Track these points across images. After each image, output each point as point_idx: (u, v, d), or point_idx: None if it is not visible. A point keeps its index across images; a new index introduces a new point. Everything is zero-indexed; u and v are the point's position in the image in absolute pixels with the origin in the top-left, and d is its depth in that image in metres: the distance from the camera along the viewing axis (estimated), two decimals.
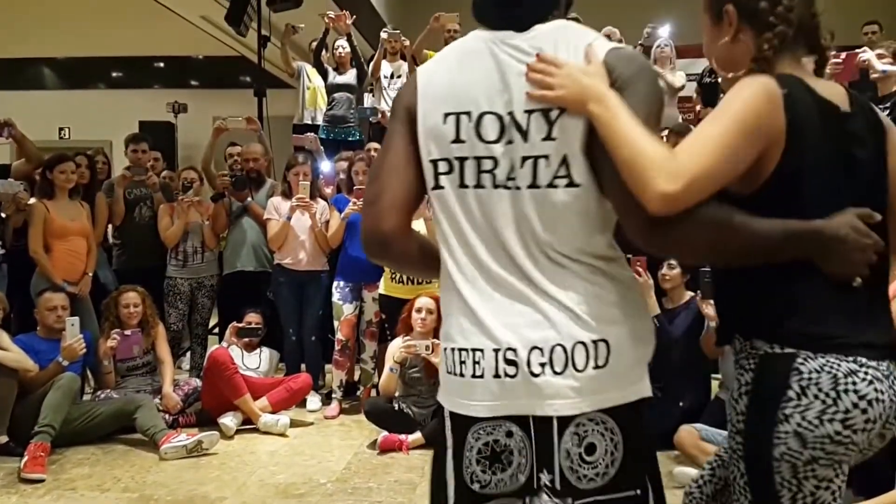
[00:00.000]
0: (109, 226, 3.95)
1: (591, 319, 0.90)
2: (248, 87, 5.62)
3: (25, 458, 2.64)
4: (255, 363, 3.47)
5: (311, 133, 4.61)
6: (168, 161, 5.38)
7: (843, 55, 3.58)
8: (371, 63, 4.92)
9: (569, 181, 0.90)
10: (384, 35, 4.83)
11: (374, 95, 5.03)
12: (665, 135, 3.78)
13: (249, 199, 3.83)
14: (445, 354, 0.97)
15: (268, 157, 4.10)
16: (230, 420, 3.13)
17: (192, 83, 8.44)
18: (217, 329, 4.15)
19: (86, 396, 3.27)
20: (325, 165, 3.89)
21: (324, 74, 4.91)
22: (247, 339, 3.46)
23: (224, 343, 3.44)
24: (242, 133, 4.34)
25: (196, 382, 3.41)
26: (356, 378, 3.63)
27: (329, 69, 4.89)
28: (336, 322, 3.45)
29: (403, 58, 4.88)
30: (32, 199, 3.47)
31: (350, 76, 4.83)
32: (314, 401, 3.50)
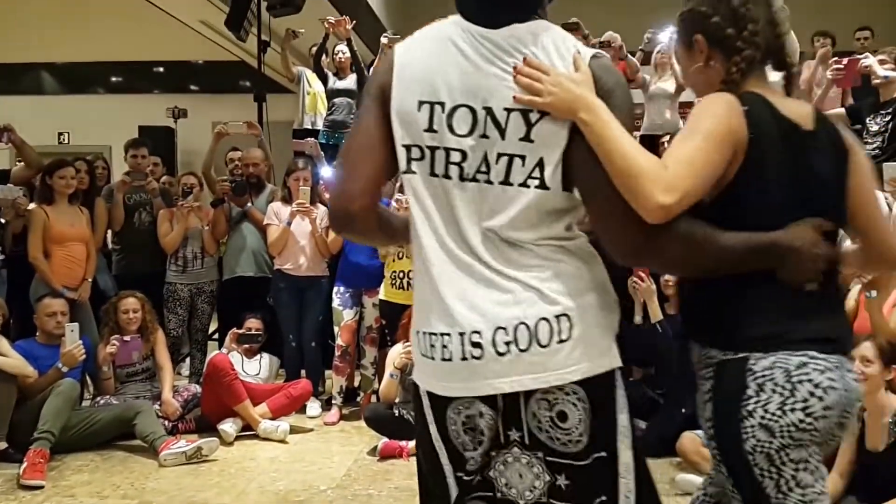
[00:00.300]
0: (109, 231, 3.95)
1: (553, 294, 0.93)
2: (248, 92, 5.62)
3: (24, 465, 2.63)
4: (256, 369, 3.46)
5: (312, 138, 4.62)
6: (168, 166, 5.38)
7: (845, 61, 3.55)
8: (371, 68, 4.93)
9: (540, 182, 0.93)
10: (384, 40, 4.83)
11: None
12: (665, 140, 3.80)
13: (249, 205, 3.83)
14: (418, 337, 1.00)
15: (268, 163, 4.10)
16: (230, 426, 3.12)
17: (192, 88, 8.44)
18: (217, 335, 4.15)
19: (85, 402, 3.26)
20: (326, 171, 3.89)
21: (324, 79, 4.92)
22: (247, 346, 3.46)
23: (224, 349, 3.44)
24: (243, 138, 4.35)
25: (196, 388, 3.41)
26: (356, 384, 3.62)
27: (329, 74, 4.90)
28: (336, 328, 3.44)
29: None
30: (32, 205, 3.47)
31: (350, 81, 4.84)
32: (314, 407, 3.49)
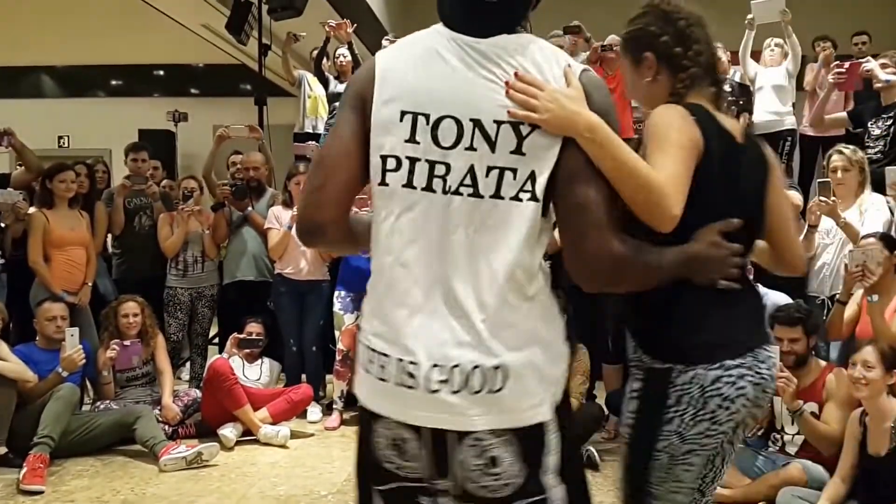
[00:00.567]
0: (109, 235, 3.95)
1: (497, 344, 0.91)
2: (249, 96, 5.61)
3: (24, 470, 2.63)
4: (256, 374, 3.46)
5: (313, 142, 4.62)
6: (168, 170, 5.38)
7: (847, 65, 3.54)
8: None
9: (531, 195, 0.92)
10: (385, 43, 4.84)
11: None
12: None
13: (250, 209, 3.83)
14: (360, 348, 0.99)
15: (269, 166, 4.10)
16: (230, 431, 3.12)
17: (193, 91, 8.44)
18: (217, 339, 4.14)
19: (85, 407, 3.25)
20: None
21: (325, 83, 4.92)
22: (248, 350, 3.45)
23: (225, 354, 3.43)
24: (245, 141, 4.35)
25: (196, 393, 3.40)
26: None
27: (330, 78, 4.91)
28: (337, 332, 3.44)
29: None
30: (32, 209, 3.47)
31: None
32: (315, 412, 3.49)
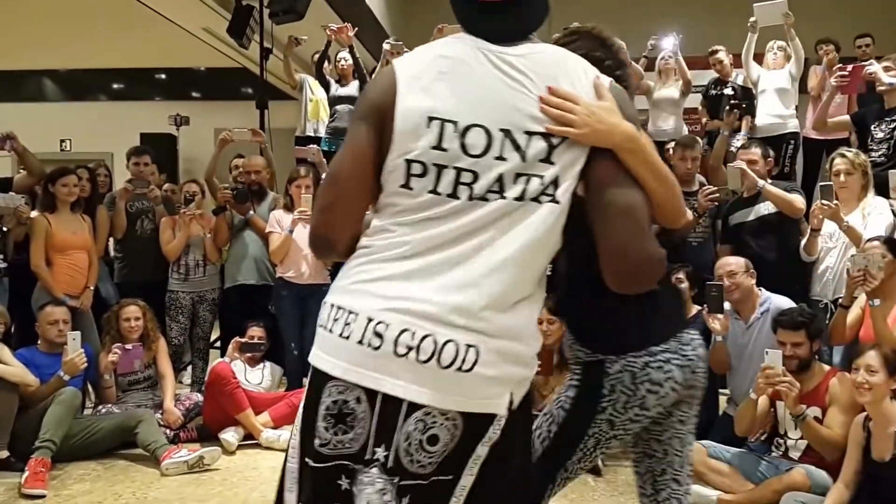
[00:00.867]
0: (111, 239, 3.95)
1: (479, 324, 0.92)
2: (250, 99, 5.63)
3: (26, 474, 2.63)
4: (258, 378, 3.45)
5: (314, 145, 4.63)
6: (170, 173, 5.39)
7: (850, 68, 3.54)
8: (374, 74, 4.95)
9: (552, 199, 0.95)
10: (386, 46, 4.84)
11: None
12: (671, 146, 3.80)
13: (251, 212, 3.83)
14: (324, 307, 1.00)
15: (270, 170, 4.11)
16: (231, 435, 3.11)
17: (194, 95, 8.46)
18: (219, 343, 4.14)
19: (86, 411, 3.25)
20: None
21: (326, 86, 4.93)
22: (249, 354, 3.45)
23: (226, 357, 3.43)
24: (248, 145, 4.35)
25: (197, 397, 3.40)
26: None
27: (331, 81, 4.92)
28: None
29: None
30: (34, 213, 3.47)
31: (352, 88, 4.85)
32: None
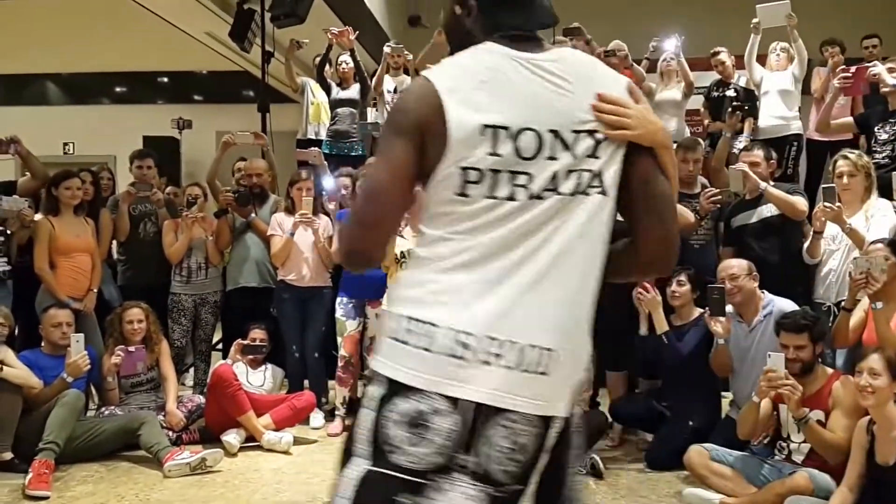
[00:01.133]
0: (114, 242, 3.96)
1: (556, 329, 0.96)
2: (252, 102, 5.64)
3: (30, 475, 2.64)
4: (260, 380, 3.46)
5: (315, 148, 4.64)
6: (172, 177, 5.40)
7: (854, 69, 3.52)
8: (374, 77, 4.95)
9: (601, 190, 1.01)
10: (387, 50, 4.86)
11: (378, 110, 5.06)
12: (674, 148, 3.80)
13: (253, 215, 3.84)
14: (394, 319, 0.97)
15: (271, 173, 4.11)
16: (233, 437, 3.12)
17: (196, 98, 8.49)
18: (220, 345, 4.15)
19: (90, 413, 3.26)
20: (328, 181, 3.90)
21: (327, 90, 4.94)
22: (251, 356, 3.46)
23: (228, 360, 3.44)
24: (250, 148, 4.36)
25: (200, 399, 3.41)
26: (359, 395, 3.61)
27: (332, 84, 4.92)
28: (339, 338, 3.44)
29: (406, 72, 4.91)
30: (38, 216, 3.49)
31: (353, 91, 4.86)
32: (317, 418, 3.48)
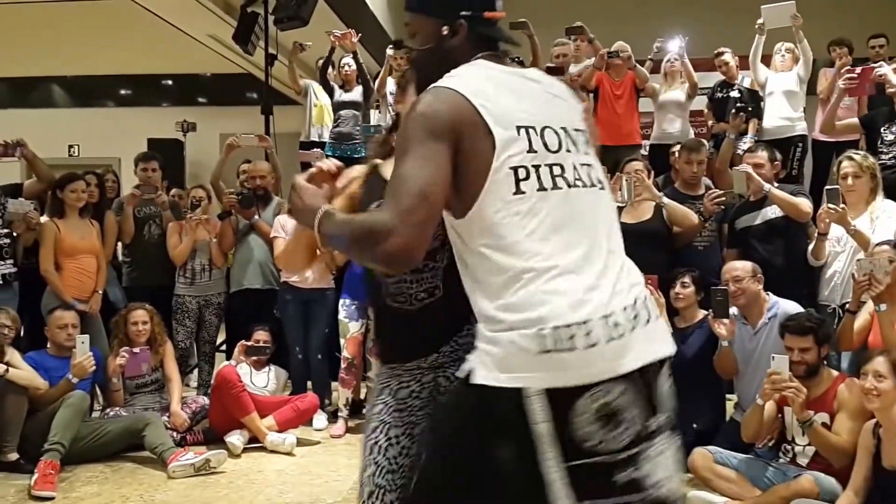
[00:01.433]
0: (119, 244, 3.98)
1: (631, 287, 1.07)
2: (256, 105, 5.64)
3: (36, 476, 2.66)
4: (264, 382, 3.47)
5: (318, 149, 4.64)
6: (177, 179, 5.42)
7: (859, 69, 3.51)
8: (377, 80, 4.96)
9: (602, 186, 1.13)
10: (390, 52, 4.86)
11: (381, 112, 5.07)
12: (677, 149, 3.78)
13: (256, 217, 3.85)
14: (539, 335, 0.99)
15: (275, 175, 4.12)
16: (237, 438, 3.13)
17: (200, 100, 8.52)
18: (224, 346, 4.16)
19: (94, 414, 3.28)
20: None
21: (330, 92, 4.95)
22: (255, 358, 3.47)
23: (232, 361, 3.44)
24: (254, 150, 4.37)
25: (204, 400, 3.42)
26: (362, 396, 3.62)
27: (335, 87, 4.93)
28: (342, 340, 3.44)
29: None
30: (43, 218, 3.51)
31: (356, 93, 4.87)
32: (320, 419, 3.49)
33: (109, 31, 6.56)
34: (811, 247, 3.04)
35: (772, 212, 3.18)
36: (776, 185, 3.20)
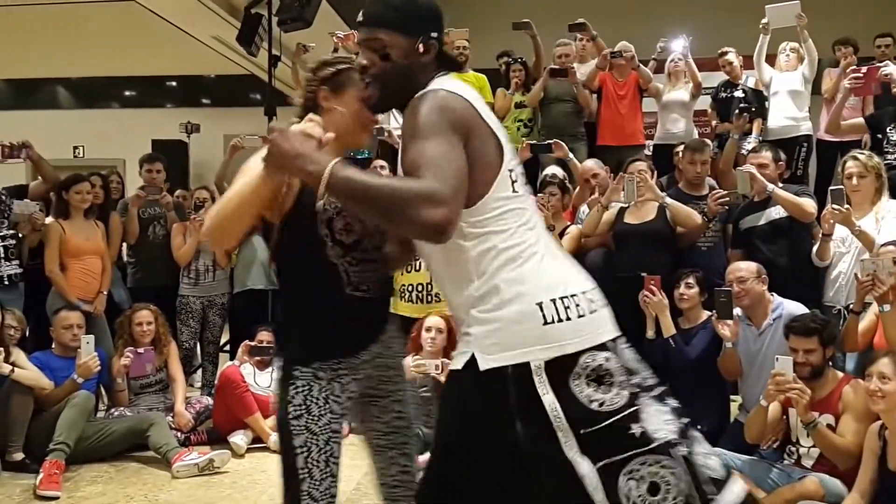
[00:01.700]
0: (124, 245, 3.99)
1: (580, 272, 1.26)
2: (259, 106, 5.66)
3: (41, 476, 2.67)
4: (267, 382, 3.46)
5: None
6: (181, 180, 5.44)
7: (864, 69, 3.47)
8: None
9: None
10: None
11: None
12: (681, 149, 3.77)
13: None
14: (545, 305, 1.11)
15: None
16: (241, 438, 3.14)
17: (204, 102, 8.55)
18: (228, 347, 4.17)
19: (99, 414, 3.28)
20: None
21: None
22: (259, 358, 3.47)
23: (236, 361, 3.45)
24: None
25: (208, 400, 3.43)
26: None
27: None
28: None
29: None
30: (49, 219, 3.52)
31: None
32: None
33: (114, 33, 6.59)
34: (816, 247, 3.03)
35: (776, 212, 3.16)
36: (780, 186, 3.19)
